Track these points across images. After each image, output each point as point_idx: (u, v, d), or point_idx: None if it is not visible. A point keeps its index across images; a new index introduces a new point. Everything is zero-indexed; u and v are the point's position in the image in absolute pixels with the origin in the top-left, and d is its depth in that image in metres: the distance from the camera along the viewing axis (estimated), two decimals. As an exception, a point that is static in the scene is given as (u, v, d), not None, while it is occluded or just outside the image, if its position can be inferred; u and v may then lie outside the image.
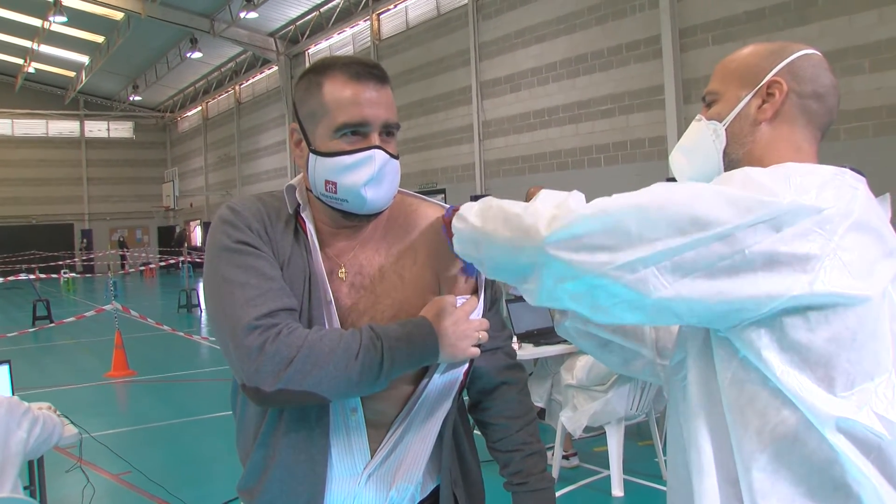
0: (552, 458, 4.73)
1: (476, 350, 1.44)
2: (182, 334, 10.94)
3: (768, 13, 10.59)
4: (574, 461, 4.98)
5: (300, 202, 1.48)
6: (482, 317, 1.51)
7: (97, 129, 35.08)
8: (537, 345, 4.84)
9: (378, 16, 19.95)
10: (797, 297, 1.07)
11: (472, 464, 1.63)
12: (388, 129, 1.43)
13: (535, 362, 5.25)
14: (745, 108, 1.30)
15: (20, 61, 29.64)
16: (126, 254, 29.46)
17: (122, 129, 35.80)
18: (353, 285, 1.47)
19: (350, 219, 1.46)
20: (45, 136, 34.04)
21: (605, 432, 4.57)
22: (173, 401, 7.84)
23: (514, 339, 4.74)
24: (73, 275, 21.74)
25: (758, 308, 1.09)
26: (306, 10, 21.77)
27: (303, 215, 1.47)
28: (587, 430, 4.70)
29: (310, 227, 1.47)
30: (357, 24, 20.92)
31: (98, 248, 31.09)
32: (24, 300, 17.39)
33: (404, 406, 1.46)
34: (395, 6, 19.32)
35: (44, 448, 3.07)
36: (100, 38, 26.12)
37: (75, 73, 30.76)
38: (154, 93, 32.67)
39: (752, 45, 1.35)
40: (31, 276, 14.83)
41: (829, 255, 1.07)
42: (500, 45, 15.68)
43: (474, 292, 1.52)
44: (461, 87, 16.79)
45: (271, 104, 26.28)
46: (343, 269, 1.48)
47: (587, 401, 4.55)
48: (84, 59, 28.77)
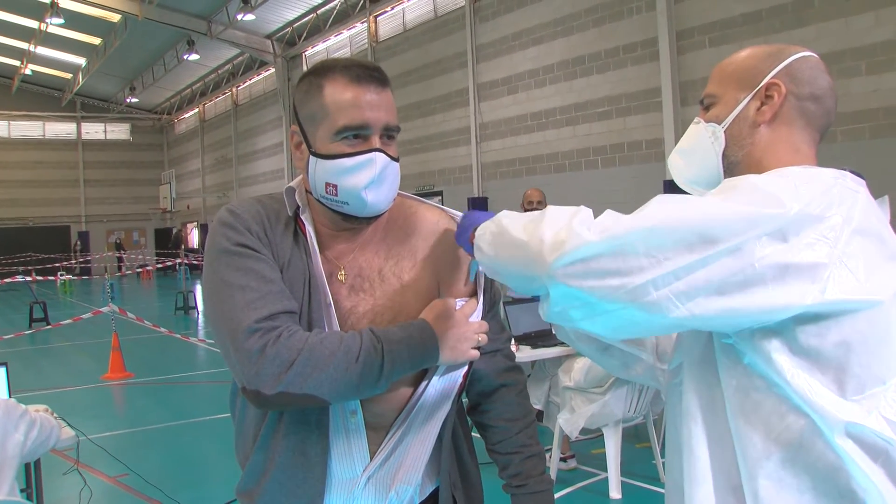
0: (550, 461, 4.72)
1: (475, 352, 1.44)
2: (179, 336, 10.93)
3: (765, 15, 10.61)
4: (572, 463, 4.98)
5: (300, 204, 1.48)
6: (481, 319, 1.51)
7: (94, 130, 35.01)
8: (535, 347, 4.85)
9: (375, 18, 19.95)
10: (809, 307, 1.07)
11: (471, 466, 1.63)
12: (389, 132, 1.43)
13: (533, 364, 5.25)
14: (744, 110, 1.30)
15: (17, 63, 29.58)
16: (123, 256, 29.43)
17: (118, 131, 35.73)
18: (353, 288, 1.47)
19: (350, 221, 1.46)
20: (41, 137, 33.97)
21: (603, 434, 4.57)
22: (170, 403, 7.83)
23: (512, 341, 4.73)
24: (70, 277, 21.67)
25: (770, 319, 1.09)
26: (303, 12, 21.75)
27: (302, 217, 1.47)
28: (585, 432, 4.70)
29: (309, 229, 1.46)
30: (354, 27, 20.91)
31: (95, 251, 31.02)
32: (20, 302, 17.36)
33: (404, 408, 1.46)
34: (392, 8, 19.32)
35: (41, 450, 3.07)
36: (97, 40, 26.08)
37: (72, 75, 30.71)
38: (151, 95, 32.62)
39: (749, 48, 1.35)
40: (28, 278, 14.82)
41: (836, 263, 1.07)
42: (498, 47, 15.69)
43: (473, 295, 1.52)
44: (458, 90, 16.79)
45: (268, 106, 26.25)
46: (343, 272, 1.48)
47: (585, 403, 4.55)
48: (81, 60, 28.73)
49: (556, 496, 1.46)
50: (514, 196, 8.77)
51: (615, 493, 4.45)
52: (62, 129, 34.37)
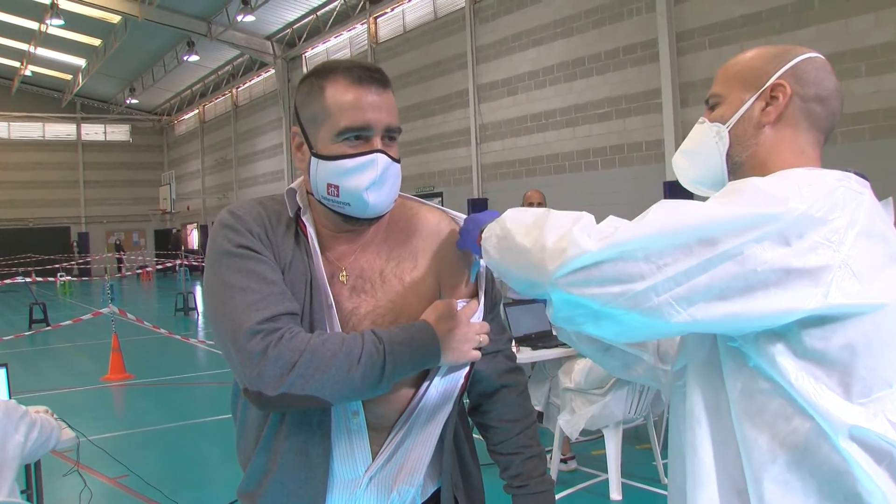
0: (550, 462, 4.72)
1: (477, 353, 1.44)
2: (179, 337, 10.93)
3: (765, 17, 10.61)
4: (572, 464, 4.98)
5: (301, 205, 1.47)
6: (482, 320, 1.51)
7: (94, 132, 35.02)
8: (535, 348, 4.85)
9: (375, 19, 19.96)
10: (813, 310, 1.07)
11: (472, 467, 1.63)
12: (390, 133, 1.43)
13: (533, 366, 5.25)
14: (749, 110, 1.29)
15: (17, 64, 29.59)
16: (123, 257, 29.43)
17: (118, 133, 35.74)
18: (354, 289, 1.47)
19: (351, 222, 1.46)
20: (41, 138, 33.97)
21: (603, 436, 4.57)
22: (170, 404, 7.82)
23: (512, 342, 4.73)
24: (70, 278, 21.68)
25: (773, 323, 1.09)
26: (303, 13, 21.76)
27: (303, 219, 1.47)
28: (585, 433, 4.70)
29: (311, 230, 1.46)
30: (354, 28, 20.92)
31: (94, 252, 31.02)
32: (20, 303, 17.36)
33: (405, 409, 1.46)
34: (392, 9, 19.33)
35: (41, 452, 3.06)
36: (96, 42, 26.09)
37: (72, 76, 30.72)
38: (151, 96, 32.64)
39: (755, 49, 1.35)
40: (28, 279, 14.81)
41: (840, 266, 1.07)
42: (497, 48, 15.70)
43: (475, 296, 1.52)
44: (458, 91, 16.80)
45: (268, 107, 26.26)
46: (344, 273, 1.47)
47: (585, 404, 4.55)
48: (81, 62, 28.74)
49: (557, 497, 1.46)
50: (514, 197, 8.77)
51: (615, 494, 4.45)
52: (62, 131, 34.38)
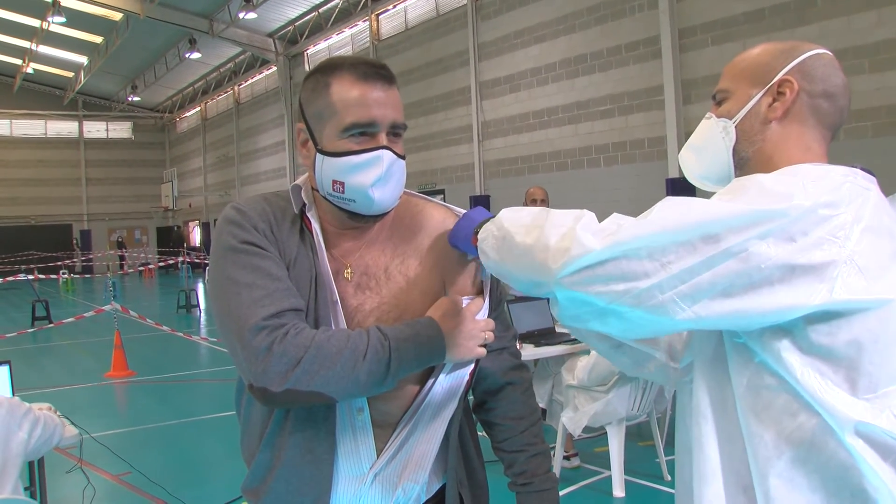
0: (553, 459, 4.72)
1: (482, 350, 1.44)
2: (181, 335, 10.93)
3: (767, 14, 10.60)
4: (575, 461, 4.98)
5: (306, 202, 1.47)
6: (488, 317, 1.50)
7: (96, 129, 35.06)
8: (538, 345, 4.84)
9: (377, 16, 19.95)
10: (818, 306, 1.07)
11: (477, 464, 1.63)
12: (396, 130, 1.43)
13: (536, 363, 5.24)
14: (756, 106, 1.29)
15: (19, 62, 29.62)
16: (125, 254, 29.46)
17: (120, 130, 35.78)
18: (359, 286, 1.47)
19: (357, 219, 1.45)
20: (43, 136, 34.02)
21: (606, 433, 4.57)
22: (173, 401, 7.83)
23: (517, 339, 4.73)
24: (72, 275, 21.70)
25: (778, 319, 1.09)
26: (305, 10, 21.76)
27: (308, 215, 1.47)
28: (588, 430, 4.70)
29: (315, 227, 1.46)
30: (356, 25, 20.92)
31: (97, 249, 31.06)
32: (22, 301, 17.38)
33: (410, 406, 1.46)
34: (394, 6, 19.32)
35: (44, 449, 3.07)
36: (98, 39, 26.10)
37: (74, 74, 30.74)
38: (153, 93, 32.65)
39: (762, 44, 1.34)
40: (30, 276, 14.84)
41: (846, 262, 1.06)
42: (500, 45, 15.69)
43: (480, 293, 1.52)
44: (460, 88, 16.80)
45: (270, 105, 26.27)
46: (349, 270, 1.47)
47: (588, 401, 4.55)
48: (83, 59, 28.75)
49: (560, 494, 1.46)
50: (516, 194, 8.77)
51: (618, 491, 4.45)
52: (64, 128, 34.42)
